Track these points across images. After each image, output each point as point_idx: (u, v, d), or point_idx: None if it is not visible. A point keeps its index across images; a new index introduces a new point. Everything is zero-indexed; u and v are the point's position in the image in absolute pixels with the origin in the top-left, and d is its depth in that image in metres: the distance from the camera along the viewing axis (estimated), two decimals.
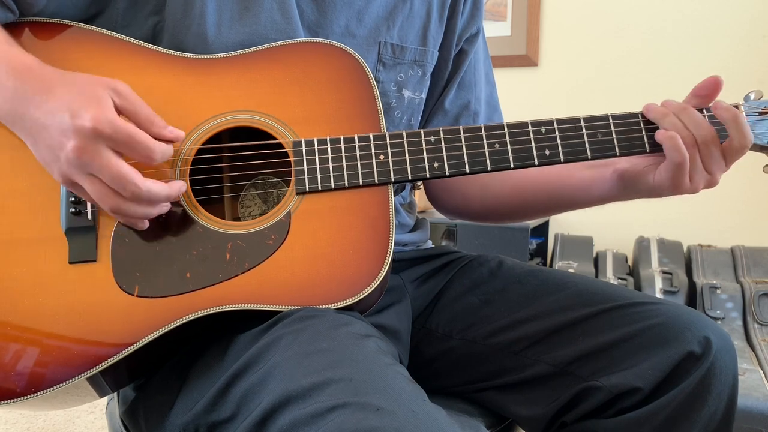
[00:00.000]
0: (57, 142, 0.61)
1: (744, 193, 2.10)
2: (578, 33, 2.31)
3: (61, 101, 0.61)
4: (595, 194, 0.84)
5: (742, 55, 2.11)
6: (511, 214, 0.97)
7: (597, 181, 0.83)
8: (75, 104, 0.60)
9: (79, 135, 0.59)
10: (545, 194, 0.90)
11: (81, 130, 0.59)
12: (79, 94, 0.61)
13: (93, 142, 0.60)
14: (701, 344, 0.71)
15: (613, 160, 0.80)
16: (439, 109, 0.96)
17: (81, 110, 0.60)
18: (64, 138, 0.60)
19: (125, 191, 0.61)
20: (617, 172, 0.80)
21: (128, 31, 0.76)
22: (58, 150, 0.61)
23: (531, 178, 0.91)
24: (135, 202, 0.63)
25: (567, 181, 0.87)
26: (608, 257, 2.18)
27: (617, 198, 0.83)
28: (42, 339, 0.65)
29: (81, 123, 0.59)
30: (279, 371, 0.55)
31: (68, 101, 0.61)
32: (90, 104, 0.60)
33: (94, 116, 0.59)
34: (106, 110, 0.60)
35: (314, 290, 0.67)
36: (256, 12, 0.76)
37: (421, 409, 0.52)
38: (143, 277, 0.67)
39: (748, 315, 1.86)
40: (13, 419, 1.87)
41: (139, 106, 0.64)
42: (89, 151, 0.60)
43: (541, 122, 0.75)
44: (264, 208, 0.80)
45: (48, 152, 0.62)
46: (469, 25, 0.95)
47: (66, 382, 0.63)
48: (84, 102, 0.60)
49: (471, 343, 0.84)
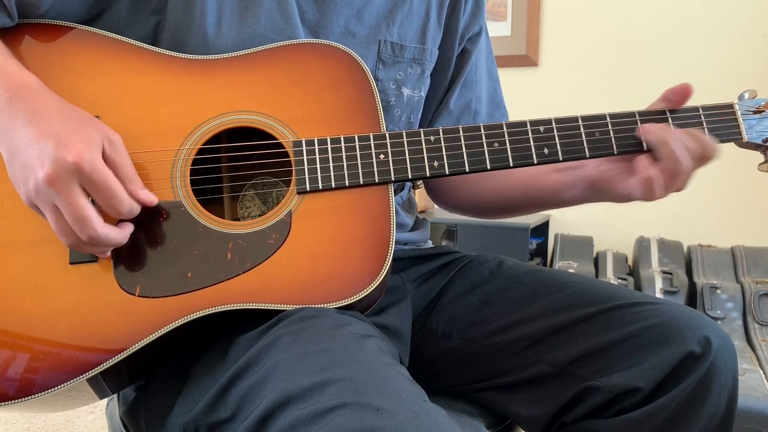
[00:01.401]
0: (32, 164, 0.60)
1: (744, 193, 2.10)
2: (578, 33, 2.31)
3: (51, 128, 0.61)
4: (567, 197, 0.86)
5: (742, 55, 2.11)
6: (495, 211, 1.01)
7: (568, 186, 0.85)
8: (64, 136, 0.60)
9: (57, 165, 0.59)
10: (522, 195, 0.93)
11: (61, 161, 0.59)
12: (71, 129, 0.61)
13: (68, 176, 0.59)
14: (701, 344, 0.71)
15: (583, 164, 0.82)
16: (444, 109, 0.96)
17: (68, 142, 0.60)
18: (40, 163, 0.60)
19: (82, 233, 0.61)
20: (587, 179, 0.81)
21: (131, 30, 0.76)
22: (29, 172, 0.60)
23: (512, 180, 0.93)
24: (90, 244, 0.63)
25: (541, 183, 0.89)
26: (608, 257, 2.18)
27: (590, 201, 0.84)
28: (42, 340, 0.65)
29: (63, 155, 0.59)
30: (279, 371, 0.55)
31: (59, 131, 0.61)
32: (79, 141, 0.60)
33: (78, 152, 0.59)
34: (93, 152, 0.60)
35: (315, 289, 0.67)
36: (255, 12, 0.76)
37: (421, 409, 0.52)
38: (144, 277, 0.67)
39: (748, 315, 1.86)
40: (13, 419, 1.87)
41: (125, 162, 0.64)
42: (60, 184, 0.59)
43: (539, 121, 0.76)
44: (263, 208, 0.80)
45: (20, 171, 0.62)
46: (471, 25, 0.95)
47: (67, 384, 0.63)
48: (74, 137, 0.60)
49: (471, 343, 0.84)
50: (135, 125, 0.71)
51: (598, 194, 0.81)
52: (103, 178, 0.61)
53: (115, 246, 0.65)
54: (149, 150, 0.70)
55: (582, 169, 0.82)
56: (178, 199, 0.69)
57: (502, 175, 0.93)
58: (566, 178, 0.85)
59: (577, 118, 0.76)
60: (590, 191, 0.82)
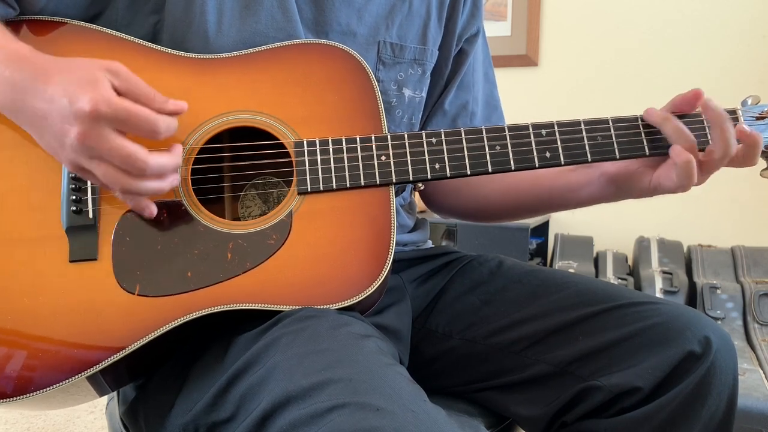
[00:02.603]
0: (60, 129, 0.60)
1: (744, 193, 2.10)
2: (578, 33, 2.31)
3: (58, 88, 0.61)
4: (584, 196, 0.85)
5: (742, 55, 2.11)
6: (502, 214, 0.99)
7: (585, 184, 0.84)
8: (72, 89, 0.60)
9: (80, 120, 0.59)
10: (534, 196, 0.92)
11: (81, 114, 0.59)
12: (75, 79, 0.61)
13: (95, 125, 0.59)
14: (701, 344, 0.71)
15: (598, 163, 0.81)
16: (439, 109, 0.96)
17: (78, 94, 0.59)
18: (67, 125, 0.60)
19: (134, 169, 0.61)
20: (606, 175, 0.81)
21: (129, 30, 0.76)
22: (62, 137, 0.61)
23: (521, 179, 0.92)
24: (145, 179, 0.63)
25: (555, 183, 0.88)
26: (608, 257, 2.18)
27: (607, 199, 0.84)
28: (41, 338, 0.65)
29: (80, 107, 0.59)
30: (279, 371, 0.55)
31: (65, 87, 0.60)
32: (87, 87, 0.60)
33: (91, 99, 0.59)
34: (103, 91, 0.60)
35: (315, 290, 0.67)
36: (256, 10, 0.76)
37: (421, 409, 0.52)
38: (144, 276, 0.67)
39: (748, 315, 1.86)
40: (13, 419, 1.87)
41: (137, 84, 0.63)
42: (93, 136, 0.59)
43: (541, 125, 0.75)
44: (264, 208, 0.80)
45: (54, 140, 0.62)
46: (468, 25, 0.95)
47: (66, 381, 0.63)
48: (81, 86, 0.60)
49: (471, 343, 0.84)
50: None
51: (620, 190, 0.81)
52: (124, 110, 0.60)
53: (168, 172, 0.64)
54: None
55: (598, 167, 0.82)
56: (179, 198, 0.69)
57: (511, 176, 0.92)
58: (582, 177, 0.84)
59: (579, 121, 0.76)
60: (609, 187, 0.81)
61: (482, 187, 0.97)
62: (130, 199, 0.66)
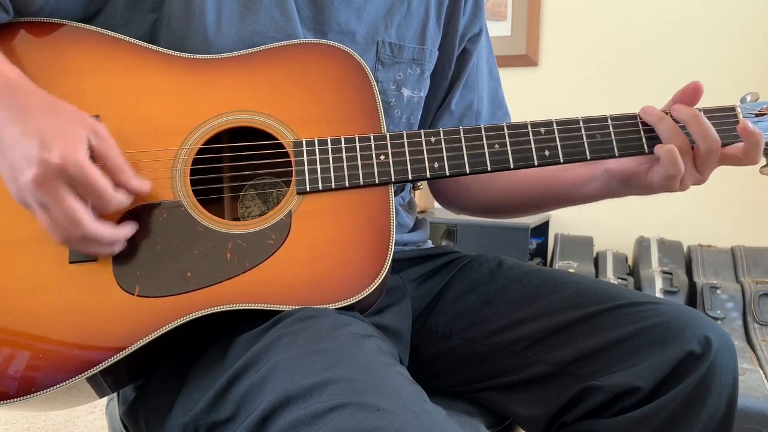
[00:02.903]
0: (18, 165, 0.60)
1: (744, 193, 2.10)
2: (578, 33, 2.31)
3: (35, 127, 0.60)
4: (589, 192, 0.85)
5: (742, 55, 2.11)
6: (510, 210, 0.99)
7: (589, 179, 0.84)
8: (48, 135, 0.59)
9: (43, 167, 0.58)
10: (539, 191, 0.92)
11: (46, 163, 0.58)
12: (56, 126, 0.60)
13: (54, 177, 0.59)
14: (701, 344, 0.71)
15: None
16: (446, 110, 0.96)
17: (52, 143, 0.59)
18: (26, 164, 0.59)
19: (74, 230, 0.61)
20: (609, 171, 0.81)
21: (128, 29, 0.75)
22: (17, 172, 0.60)
23: (527, 176, 0.92)
24: (83, 243, 0.63)
25: (560, 179, 0.88)
26: (608, 257, 2.18)
27: (611, 195, 0.84)
28: (41, 339, 0.65)
29: (48, 157, 0.58)
30: (279, 371, 0.55)
31: (42, 130, 0.60)
32: (64, 140, 0.59)
33: (63, 154, 0.58)
34: (78, 151, 0.59)
35: (315, 290, 0.67)
36: (255, 10, 0.76)
37: (421, 409, 0.52)
38: (144, 277, 0.67)
39: (748, 315, 1.86)
40: (13, 419, 1.87)
41: (113, 152, 0.63)
42: (47, 186, 0.59)
43: (540, 123, 0.76)
44: (263, 208, 0.80)
45: (8, 170, 0.61)
46: (471, 25, 0.95)
47: (66, 383, 0.63)
48: (58, 136, 0.59)
49: (471, 343, 0.84)
50: (135, 124, 0.71)
51: (624, 186, 0.81)
52: (87, 179, 0.60)
53: (109, 244, 0.65)
54: (149, 149, 0.70)
55: (603, 163, 0.82)
56: (178, 198, 0.69)
57: (517, 172, 0.92)
58: (586, 172, 0.85)
59: (578, 119, 0.76)
60: (613, 183, 0.81)
61: (490, 184, 0.97)
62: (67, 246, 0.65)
